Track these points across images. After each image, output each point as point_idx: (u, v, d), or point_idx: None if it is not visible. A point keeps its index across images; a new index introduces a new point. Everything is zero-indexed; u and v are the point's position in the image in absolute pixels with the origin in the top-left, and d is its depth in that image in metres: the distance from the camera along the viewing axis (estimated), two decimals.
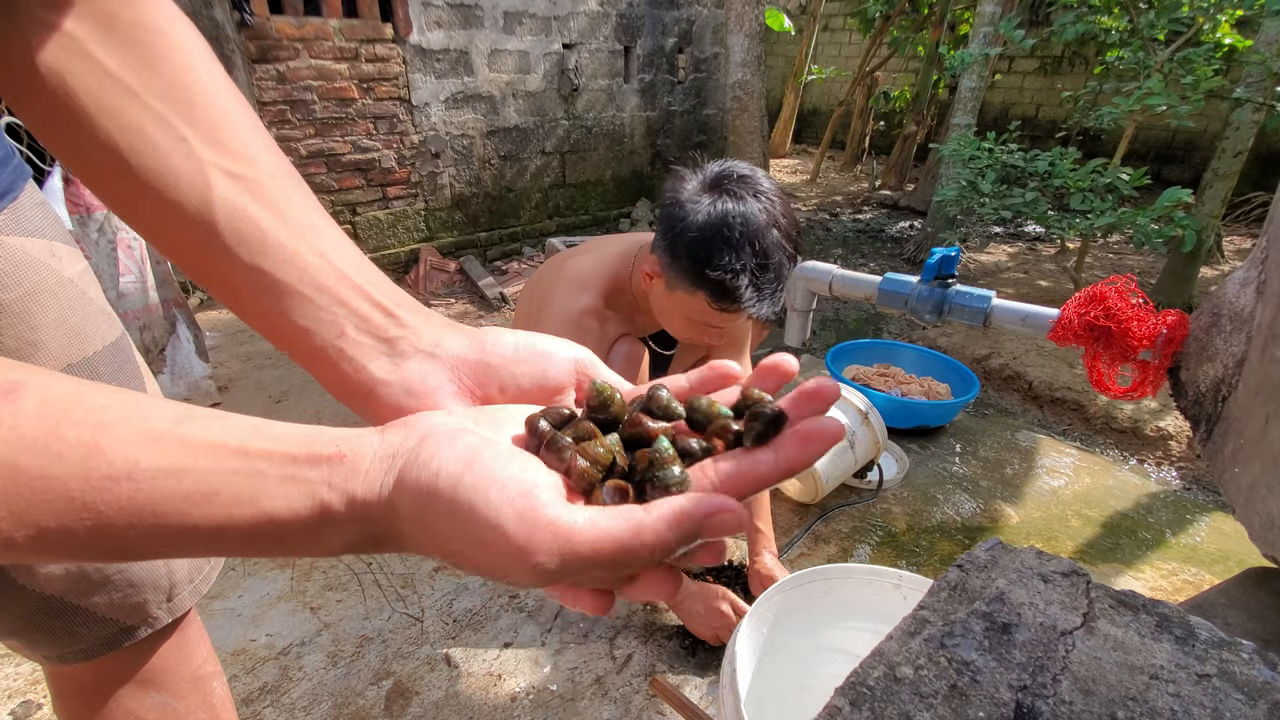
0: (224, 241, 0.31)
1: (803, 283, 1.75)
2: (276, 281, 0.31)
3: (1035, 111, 6.93)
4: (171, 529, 0.23)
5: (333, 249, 0.33)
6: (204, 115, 0.32)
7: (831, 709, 0.35)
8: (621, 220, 4.55)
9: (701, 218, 1.00)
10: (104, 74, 0.30)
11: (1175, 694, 0.33)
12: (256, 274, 0.31)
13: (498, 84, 3.71)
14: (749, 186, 1.02)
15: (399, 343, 0.33)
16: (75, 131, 0.31)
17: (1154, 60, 2.82)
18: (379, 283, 0.34)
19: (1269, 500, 0.59)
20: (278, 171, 0.33)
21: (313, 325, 0.32)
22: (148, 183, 0.31)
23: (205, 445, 0.24)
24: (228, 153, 0.32)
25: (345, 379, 0.32)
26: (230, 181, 0.31)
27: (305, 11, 2.97)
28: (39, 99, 0.31)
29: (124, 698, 0.53)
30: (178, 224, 0.31)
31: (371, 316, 0.33)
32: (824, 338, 3.46)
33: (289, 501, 0.24)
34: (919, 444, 1.77)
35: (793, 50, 7.92)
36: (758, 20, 4.06)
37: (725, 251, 0.99)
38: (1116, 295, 0.87)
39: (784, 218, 1.04)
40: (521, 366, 0.33)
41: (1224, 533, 1.47)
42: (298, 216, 0.33)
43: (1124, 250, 4.66)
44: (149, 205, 0.31)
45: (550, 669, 1.09)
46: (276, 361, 2.37)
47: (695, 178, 1.05)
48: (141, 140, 0.30)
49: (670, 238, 1.03)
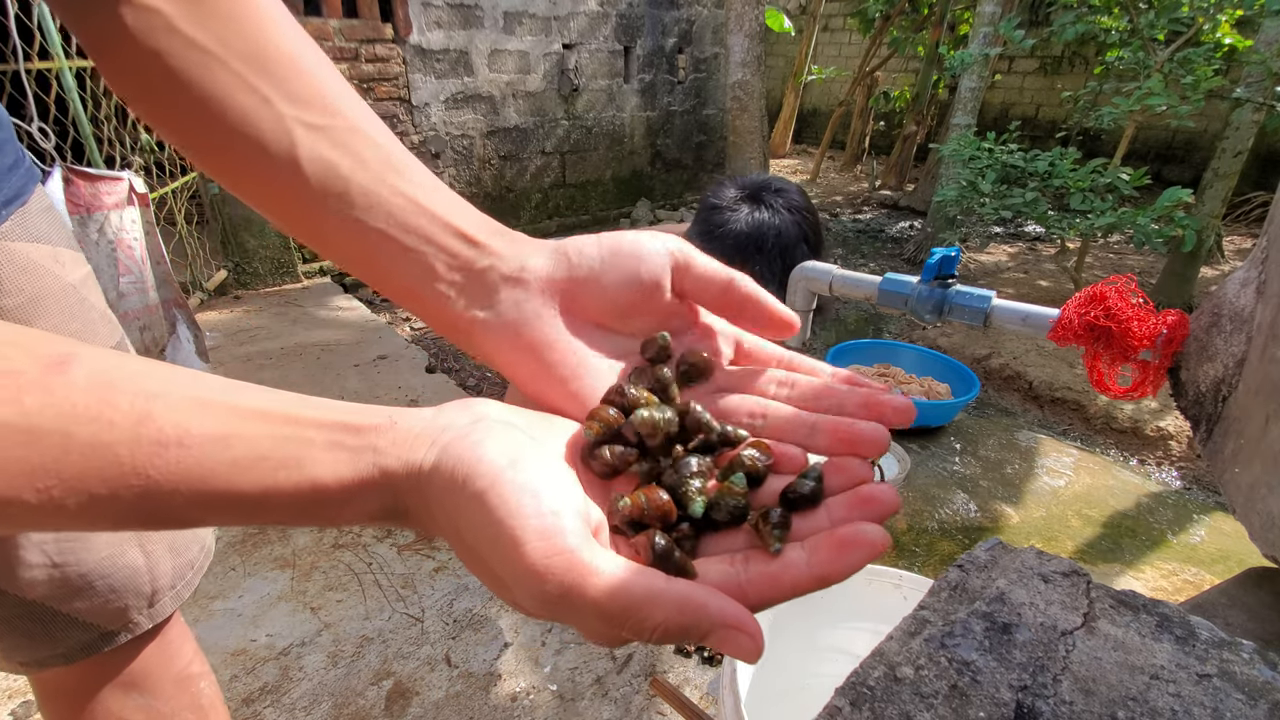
0: (312, 191, 0.32)
1: (803, 283, 1.74)
2: (366, 228, 0.32)
3: (1035, 111, 6.93)
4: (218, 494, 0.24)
5: (416, 188, 0.33)
6: (284, 73, 0.32)
7: (831, 709, 0.35)
8: (621, 220, 4.55)
9: (740, 226, 1.06)
10: (191, 45, 0.31)
11: (1176, 694, 0.33)
12: (346, 221, 0.32)
13: (498, 84, 3.71)
14: (785, 200, 1.09)
15: (488, 273, 0.32)
16: (169, 99, 0.32)
17: (1154, 60, 2.82)
18: (463, 211, 0.34)
19: (1269, 500, 0.59)
20: (358, 120, 0.33)
21: (405, 267, 0.32)
22: (238, 144, 0.32)
23: (254, 411, 0.24)
24: (308, 106, 0.32)
25: (446, 318, 0.33)
26: (311, 133, 0.32)
27: (305, 11, 2.97)
28: (134, 75, 0.32)
29: (107, 700, 0.53)
30: (270, 180, 0.32)
31: (460, 251, 0.32)
32: (824, 338, 3.46)
33: (335, 467, 0.25)
34: (919, 444, 1.77)
35: (793, 50, 7.91)
36: (758, 20, 4.06)
37: (758, 260, 1.03)
38: (1116, 295, 0.87)
39: (813, 233, 1.12)
40: (611, 275, 0.32)
41: (1224, 533, 1.47)
42: (380, 161, 0.33)
43: (1124, 250, 4.66)
44: (241, 165, 0.32)
45: (550, 669, 1.09)
46: (277, 361, 2.37)
47: (734, 187, 1.11)
48: (228, 103, 0.31)
49: (706, 241, 1.09)
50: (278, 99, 0.32)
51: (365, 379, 2.11)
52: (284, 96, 0.32)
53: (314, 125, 0.32)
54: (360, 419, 0.26)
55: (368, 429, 0.26)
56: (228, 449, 0.23)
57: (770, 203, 1.09)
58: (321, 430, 0.25)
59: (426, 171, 0.34)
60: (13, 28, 1.73)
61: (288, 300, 2.90)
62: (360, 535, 1.39)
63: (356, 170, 0.32)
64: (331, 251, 0.33)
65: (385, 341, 2.39)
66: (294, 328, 2.57)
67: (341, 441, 0.25)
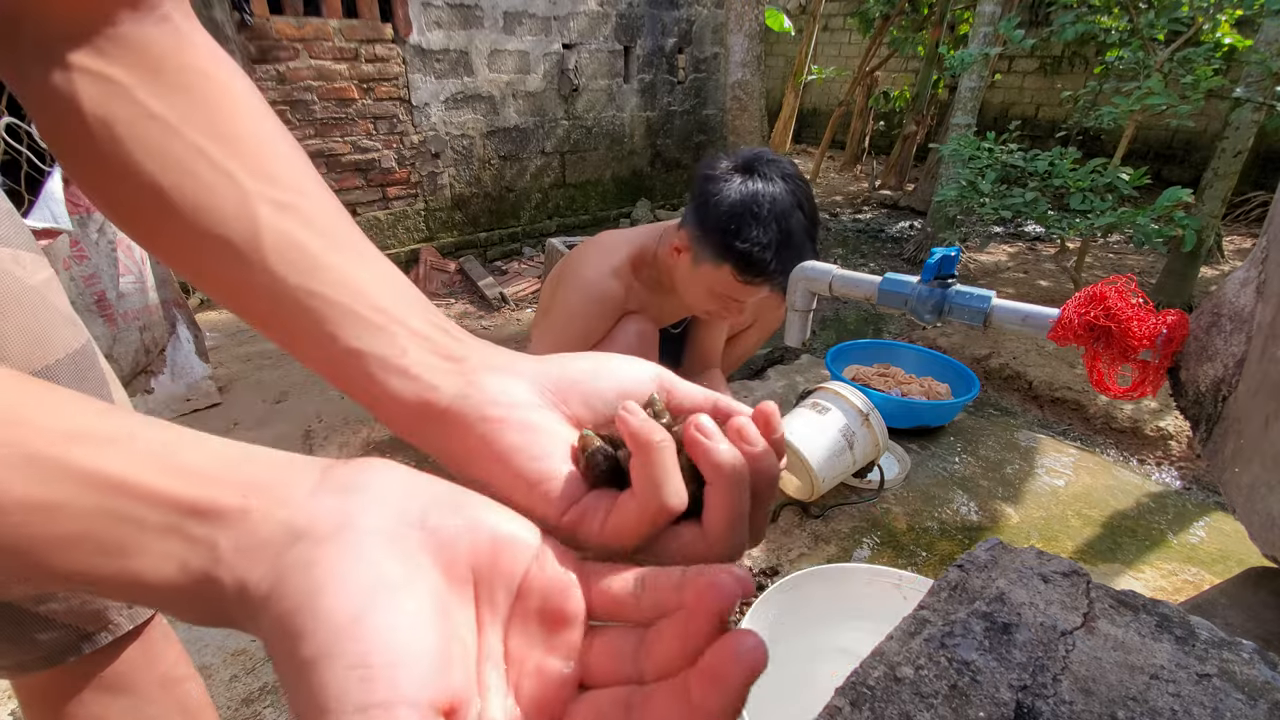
0: (272, 270, 0.29)
1: (803, 283, 1.74)
2: (330, 302, 0.29)
3: (1035, 111, 6.93)
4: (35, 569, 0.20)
5: (386, 274, 0.32)
6: (250, 150, 0.31)
7: (831, 709, 0.35)
8: (621, 220, 4.55)
9: (734, 195, 1.09)
10: (149, 116, 0.30)
11: (1175, 694, 0.33)
12: (307, 297, 0.29)
13: (498, 84, 3.71)
14: (777, 169, 1.11)
15: (467, 360, 0.30)
16: (117, 173, 0.30)
17: (1154, 60, 2.82)
18: (434, 309, 0.32)
19: (1269, 500, 0.59)
20: (326, 203, 0.32)
21: (369, 346, 0.29)
22: (192, 219, 0.30)
23: (90, 476, 0.20)
24: (275, 184, 0.31)
25: (406, 402, 0.29)
26: (278, 210, 0.30)
27: (305, 12, 2.97)
28: (79, 142, 0.30)
29: (91, 704, 0.52)
30: (222, 257, 0.30)
31: (434, 336, 0.30)
32: (824, 338, 3.46)
33: (160, 563, 0.21)
34: (919, 444, 1.77)
35: (793, 50, 7.91)
36: (758, 20, 4.06)
37: (754, 226, 1.07)
38: (1116, 295, 0.87)
39: (807, 201, 1.14)
40: (604, 381, 0.31)
41: (1224, 533, 1.47)
42: (348, 243, 0.32)
43: (1124, 250, 4.66)
44: (191, 241, 0.30)
45: None
46: (276, 362, 2.37)
47: (728, 159, 1.15)
48: (184, 176, 0.30)
49: (702, 212, 1.12)
50: (243, 175, 0.30)
51: None
52: (249, 173, 0.30)
53: (281, 203, 0.30)
54: (215, 499, 0.21)
55: (215, 515, 0.21)
56: (51, 522, 0.19)
57: (764, 172, 1.10)
58: (162, 511, 0.21)
59: (395, 267, 0.33)
60: None
61: None
62: None
63: (328, 249, 0.30)
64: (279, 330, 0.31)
65: None
66: None
67: (180, 528, 0.21)
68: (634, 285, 1.28)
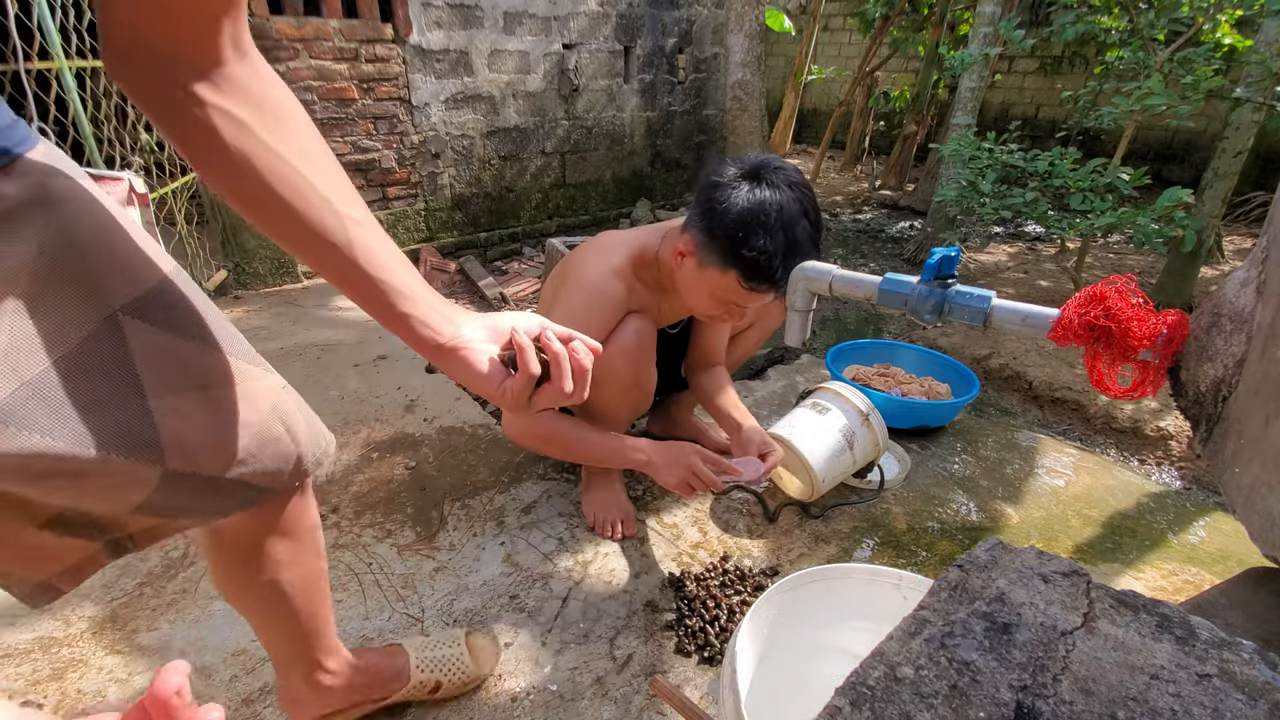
0: (358, 262, 0.51)
1: (803, 283, 1.74)
2: (389, 285, 0.53)
3: (1035, 111, 6.93)
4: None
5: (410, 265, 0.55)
6: (330, 179, 0.50)
7: (831, 709, 0.35)
8: (621, 220, 4.55)
9: (742, 203, 1.09)
10: (268, 150, 0.47)
11: (1176, 694, 0.33)
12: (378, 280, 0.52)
13: (498, 84, 3.71)
14: (784, 177, 1.11)
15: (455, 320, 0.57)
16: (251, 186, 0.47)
17: (1154, 60, 2.82)
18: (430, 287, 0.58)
19: (1269, 500, 0.59)
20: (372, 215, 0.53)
21: (410, 310, 0.54)
22: (305, 224, 0.49)
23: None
24: (350, 205, 0.51)
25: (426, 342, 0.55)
26: (356, 225, 0.51)
27: (305, 12, 2.97)
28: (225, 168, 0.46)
29: (266, 546, 0.70)
30: (326, 250, 0.51)
31: (440, 307, 0.56)
32: (824, 338, 3.46)
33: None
34: (919, 444, 1.77)
35: (793, 50, 7.91)
36: (758, 20, 4.06)
37: (762, 234, 1.07)
38: (1116, 295, 0.87)
39: (813, 209, 1.14)
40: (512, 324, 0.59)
41: (1224, 533, 1.47)
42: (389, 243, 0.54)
43: (1124, 250, 4.66)
44: (306, 238, 0.50)
45: (550, 669, 1.09)
46: (276, 361, 2.36)
47: (734, 165, 1.13)
48: (298, 198, 0.48)
49: (709, 218, 1.12)
50: (337, 203, 0.50)
51: (365, 379, 2.11)
52: (338, 200, 0.50)
53: (356, 219, 0.51)
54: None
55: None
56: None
57: (771, 179, 1.10)
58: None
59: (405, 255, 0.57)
60: (13, 28, 1.73)
61: (287, 300, 2.91)
62: (360, 535, 1.39)
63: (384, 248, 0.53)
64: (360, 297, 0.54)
65: (385, 341, 2.39)
66: (294, 328, 2.58)
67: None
68: (635, 285, 1.27)
